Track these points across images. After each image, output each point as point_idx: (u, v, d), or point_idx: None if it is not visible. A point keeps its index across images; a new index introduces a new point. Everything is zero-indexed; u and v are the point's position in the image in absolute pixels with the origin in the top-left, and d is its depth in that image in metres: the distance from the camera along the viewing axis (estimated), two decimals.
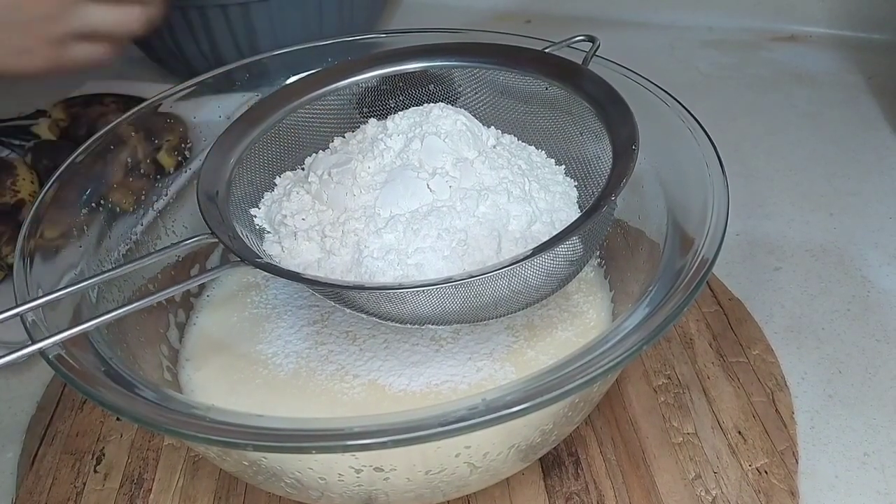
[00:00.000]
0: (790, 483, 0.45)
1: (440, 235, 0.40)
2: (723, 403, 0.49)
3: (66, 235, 0.44)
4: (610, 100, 0.44)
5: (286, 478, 0.38)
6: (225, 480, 0.47)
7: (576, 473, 0.46)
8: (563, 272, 0.42)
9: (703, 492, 0.44)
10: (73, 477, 0.47)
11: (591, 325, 0.48)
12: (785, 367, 0.52)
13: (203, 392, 0.46)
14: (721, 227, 0.39)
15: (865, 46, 0.87)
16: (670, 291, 0.36)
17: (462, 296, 0.39)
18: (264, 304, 0.51)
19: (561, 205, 0.44)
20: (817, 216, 0.65)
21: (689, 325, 0.55)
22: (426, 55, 0.48)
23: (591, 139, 0.45)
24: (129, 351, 0.42)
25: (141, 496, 0.46)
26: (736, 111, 0.79)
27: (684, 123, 0.46)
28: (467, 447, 0.37)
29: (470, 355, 0.46)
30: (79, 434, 0.50)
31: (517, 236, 0.41)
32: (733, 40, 0.91)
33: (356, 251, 0.40)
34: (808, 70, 0.85)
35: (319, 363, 0.46)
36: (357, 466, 0.36)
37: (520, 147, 0.47)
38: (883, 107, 0.78)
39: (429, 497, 0.41)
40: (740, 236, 0.63)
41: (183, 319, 0.51)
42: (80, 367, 0.35)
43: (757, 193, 0.68)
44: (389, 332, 0.47)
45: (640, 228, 0.47)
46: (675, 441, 0.47)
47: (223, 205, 0.42)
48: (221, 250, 0.54)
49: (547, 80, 0.47)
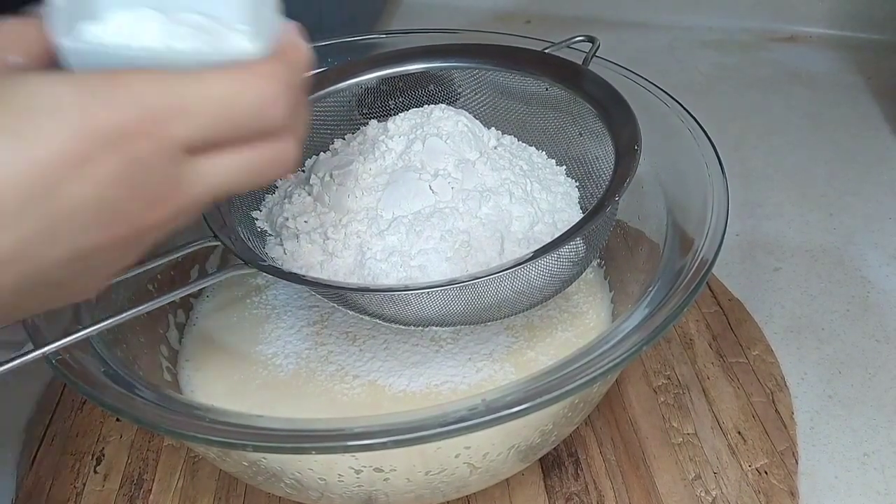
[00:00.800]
0: (790, 483, 0.45)
1: (443, 237, 0.40)
2: (723, 404, 0.49)
3: None
4: (611, 100, 0.44)
5: (286, 478, 0.38)
6: (225, 481, 0.47)
7: (575, 474, 0.46)
8: (567, 273, 0.42)
9: (702, 492, 0.44)
10: (72, 477, 0.47)
11: (591, 325, 0.48)
12: (785, 367, 0.52)
13: (203, 392, 0.46)
14: (721, 227, 0.39)
15: (865, 47, 0.87)
16: (670, 292, 0.36)
17: (466, 297, 0.39)
18: (264, 304, 0.51)
19: (563, 205, 0.44)
20: (817, 216, 0.65)
21: (689, 325, 0.55)
22: (426, 56, 0.48)
23: (591, 140, 0.45)
24: (128, 351, 0.42)
25: (141, 497, 0.46)
26: (736, 111, 0.79)
27: (684, 124, 0.46)
28: (467, 448, 0.37)
29: (470, 356, 0.46)
30: (78, 434, 0.50)
31: (520, 237, 0.41)
32: (733, 41, 0.91)
33: (359, 253, 0.40)
34: (808, 70, 0.85)
35: (319, 364, 0.46)
36: (357, 467, 0.36)
37: (521, 148, 0.47)
38: (883, 107, 0.78)
39: (429, 498, 0.41)
40: (740, 236, 0.63)
41: (183, 320, 0.51)
42: (81, 368, 0.36)
43: (757, 194, 0.68)
44: (389, 333, 0.47)
45: (640, 229, 0.47)
46: (675, 441, 0.47)
47: (225, 207, 0.42)
48: (222, 251, 0.54)
49: (547, 81, 0.47)
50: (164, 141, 0.24)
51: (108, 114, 0.23)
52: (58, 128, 0.22)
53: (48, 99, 0.22)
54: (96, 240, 0.24)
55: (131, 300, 0.44)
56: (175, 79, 0.24)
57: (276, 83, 0.26)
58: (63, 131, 0.22)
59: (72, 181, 0.23)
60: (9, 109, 0.22)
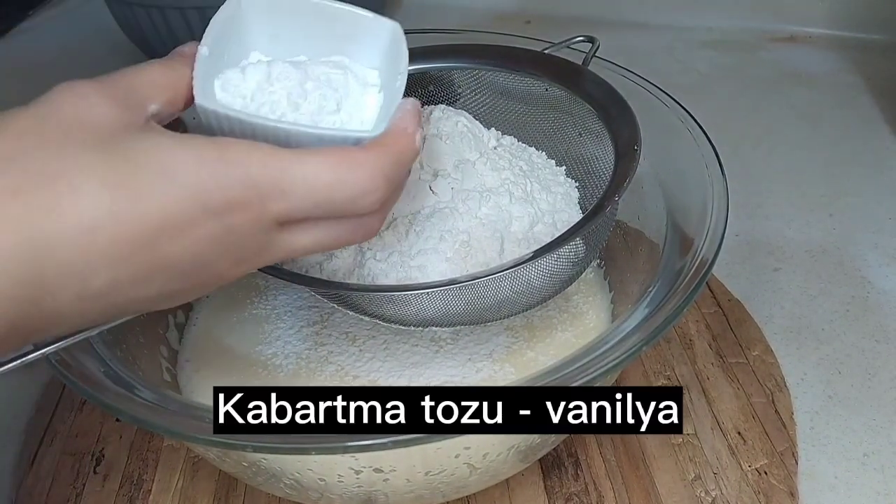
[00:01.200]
0: (790, 484, 0.45)
1: (443, 237, 0.40)
2: (722, 404, 0.49)
3: None
4: (611, 100, 0.44)
5: (285, 479, 0.38)
6: (224, 481, 0.47)
7: (575, 474, 0.46)
8: (567, 273, 0.42)
9: (702, 493, 0.44)
10: (72, 478, 0.47)
11: (591, 325, 0.48)
12: (785, 367, 0.52)
13: (202, 393, 0.46)
14: (720, 227, 0.39)
15: (865, 47, 0.87)
16: (670, 292, 0.36)
17: (466, 298, 0.39)
18: (264, 305, 0.51)
19: (563, 206, 0.44)
20: (817, 217, 0.65)
21: (689, 325, 0.55)
22: (426, 56, 0.48)
23: (591, 140, 0.45)
24: (128, 352, 0.42)
25: (140, 497, 0.46)
26: (735, 112, 0.79)
27: (683, 124, 0.46)
28: (467, 448, 0.37)
29: (469, 356, 0.46)
30: (78, 435, 0.50)
31: (519, 237, 0.41)
32: (732, 41, 0.91)
33: (358, 253, 0.40)
34: (808, 71, 0.85)
35: (319, 364, 0.46)
36: (357, 467, 0.36)
37: (520, 148, 0.47)
38: (882, 107, 0.78)
39: (428, 498, 0.41)
40: (740, 237, 0.63)
41: (182, 320, 0.51)
42: (81, 369, 0.36)
43: (756, 194, 0.68)
44: (389, 333, 0.47)
45: (640, 229, 0.47)
46: (675, 442, 0.47)
47: None
48: None
49: (547, 81, 0.47)
50: (263, 216, 0.27)
51: (218, 187, 0.26)
52: (173, 193, 0.25)
53: (169, 163, 0.25)
54: (182, 286, 0.27)
55: None
56: (282, 159, 0.27)
57: (376, 177, 0.28)
58: (176, 196, 0.25)
59: (174, 240, 0.25)
60: (135, 167, 0.25)
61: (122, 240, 0.24)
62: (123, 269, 0.25)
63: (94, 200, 0.24)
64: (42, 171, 0.24)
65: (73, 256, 0.24)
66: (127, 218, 0.24)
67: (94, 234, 0.24)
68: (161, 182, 0.25)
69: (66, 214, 0.23)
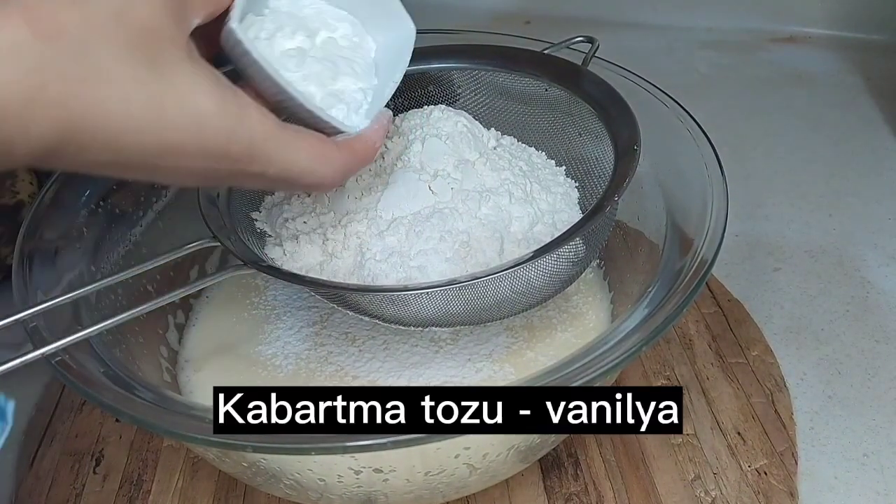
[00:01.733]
0: (789, 484, 0.45)
1: (442, 237, 0.40)
2: (722, 404, 0.49)
3: (65, 237, 0.44)
4: (610, 100, 0.44)
5: (285, 479, 0.38)
6: (224, 482, 0.47)
7: (575, 474, 0.46)
8: (566, 273, 0.42)
9: (702, 493, 0.44)
10: (72, 478, 0.47)
11: (591, 326, 0.48)
12: (784, 367, 0.52)
13: (202, 393, 0.46)
14: (720, 227, 0.39)
15: (865, 47, 0.87)
16: (669, 292, 0.36)
17: (465, 298, 0.39)
18: (264, 305, 0.51)
19: (563, 206, 0.44)
20: (816, 217, 0.65)
21: (689, 325, 0.55)
22: (425, 57, 0.48)
23: (591, 140, 0.45)
24: (128, 352, 0.42)
25: (140, 497, 0.46)
26: (735, 112, 0.79)
27: (683, 124, 0.46)
28: (467, 448, 0.37)
29: (469, 356, 0.46)
30: (78, 435, 0.50)
31: (519, 238, 0.41)
32: (732, 41, 0.91)
33: (358, 254, 0.40)
34: (807, 71, 0.85)
35: (319, 364, 0.46)
36: (356, 468, 0.36)
37: (520, 148, 0.47)
38: (882, 108, 0.78)
39: (428, 498, 0.41)
40: (739, 237, 0.63)
41: (182, 321, 0.51)
42: (80, 369, 0.35)
43: (756, 194, 0.68)
44: (389, 334, 0.47)
45: (640, 229, 0.47)
46: (675, 442, 0.47)
47: (224, 208, 0.42)
48: (221, 252, 0.54)
49: (547, 82, 0.47)
50: (243, 169, 0.30)
51: (225, 139, 0.29)
52: (184, 125, 0.27)
53: (191, 99, 0.27)
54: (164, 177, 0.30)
55: (131, 301, 0.44)
56: (280, 139, 0.31)
57: (338, 173, 0.33)
58: (187, 129, 0.27)
59: (165, 158, 0.28)
60: (165, 87, 0.27)
61: (128, 136, 0.26)
62: (124, 158, 0.27)
63: (124, 92, 0.25)
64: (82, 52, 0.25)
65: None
66: (139, 126, 0.26)
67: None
68: (177, 111, 0.27)
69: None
